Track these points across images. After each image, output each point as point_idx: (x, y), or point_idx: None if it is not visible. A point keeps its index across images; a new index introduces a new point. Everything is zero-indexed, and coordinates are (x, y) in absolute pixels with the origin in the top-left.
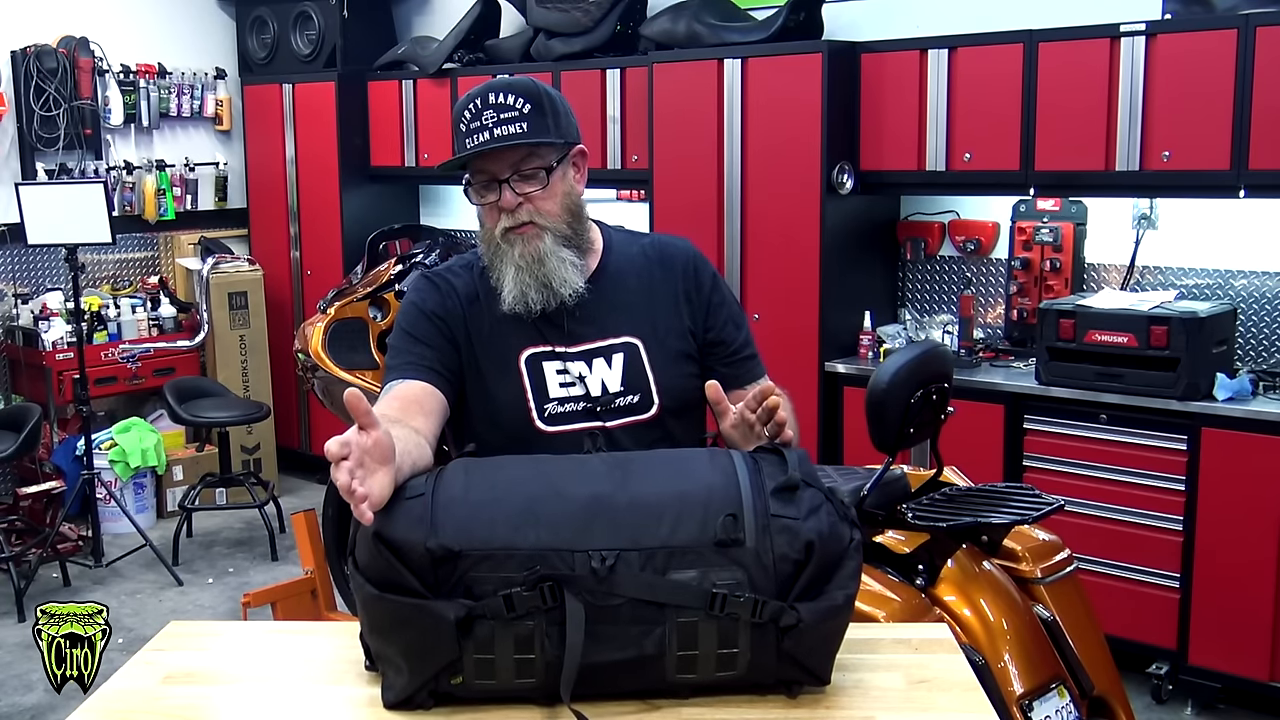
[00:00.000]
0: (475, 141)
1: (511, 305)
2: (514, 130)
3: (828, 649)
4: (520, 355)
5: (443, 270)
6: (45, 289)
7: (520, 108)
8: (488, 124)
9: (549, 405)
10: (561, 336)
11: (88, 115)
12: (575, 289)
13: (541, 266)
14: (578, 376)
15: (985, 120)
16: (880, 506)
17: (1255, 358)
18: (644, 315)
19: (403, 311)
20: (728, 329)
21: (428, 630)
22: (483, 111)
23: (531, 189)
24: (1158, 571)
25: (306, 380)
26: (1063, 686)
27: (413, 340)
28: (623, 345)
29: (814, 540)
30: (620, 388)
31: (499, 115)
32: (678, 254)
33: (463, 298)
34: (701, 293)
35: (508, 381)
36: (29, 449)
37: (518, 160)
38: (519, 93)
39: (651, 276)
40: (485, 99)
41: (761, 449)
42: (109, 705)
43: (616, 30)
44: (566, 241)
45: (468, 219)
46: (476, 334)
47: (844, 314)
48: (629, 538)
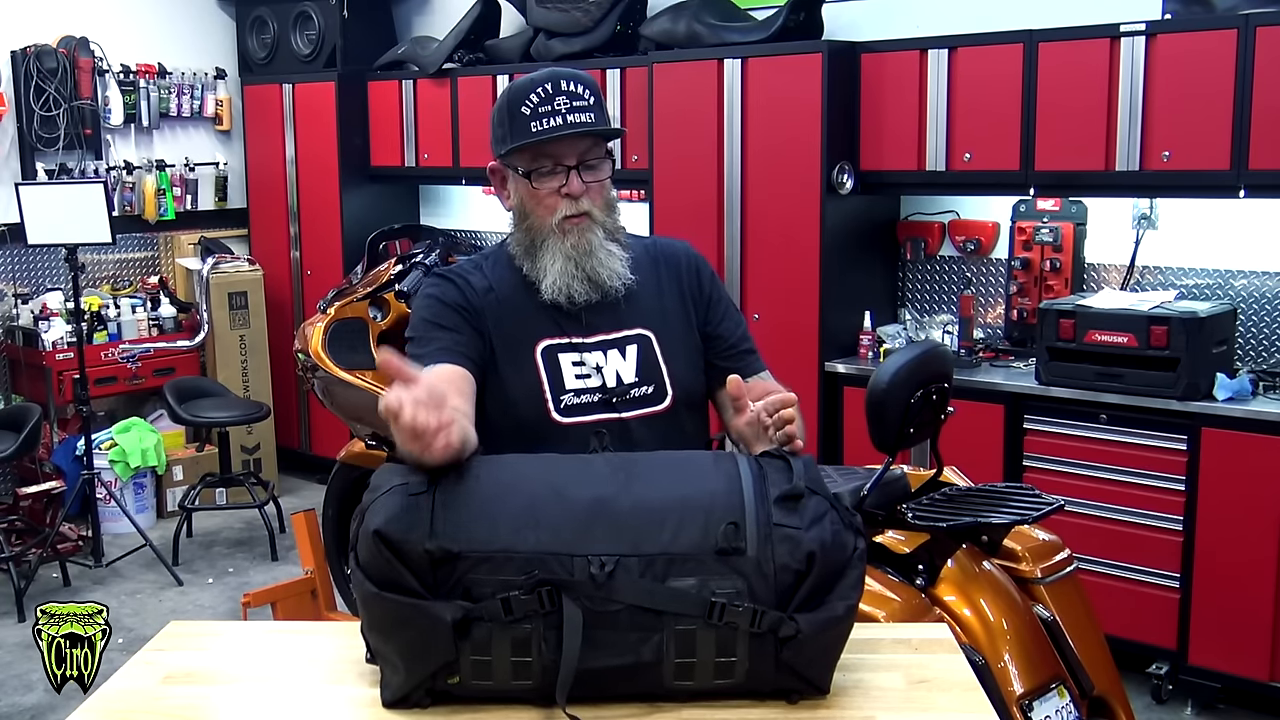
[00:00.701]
0: (545, 125)
1: (553, 296)
2: (586, 119)
3: (827, 659)
4: (537, 347)
5: (453, 269)
6: (45, 289)
7: (588, 98)
8: (560, 109)
9: (565, 396)
10: (579, 328)
11: (88, 115)
12: (624, 279)
13: (590, 259)
14: (594, 367)
15: (985, 120)
16: (880, 506)
17: (1255, 358)
18: (654, 308)
19: (421, 305)
20: (726, 323)
21: (425, 630)
22: (554, 97)
23: (596, 178)
24: (1158, 571)
25: (306, 380)
26: (1063, 686)
27: (438, 328)
28: (636, 337)
29: (815, 550)
30: (635, 378)
31: (571, 102)
32: (679, 253)
33: (478, 291)
34: (702, 290)
35: (524, 372)
36: (29, 449)
37: (585, 149)
38: (584, 83)
39: (657, 273)
40: (556, 84)
41: (768, 453)
42: (109, 705)
43: (616, 30)
44: (611, 234)
45: (468, 219)
46: (494, 326)
47: (844, 314)
48: (630, 543)
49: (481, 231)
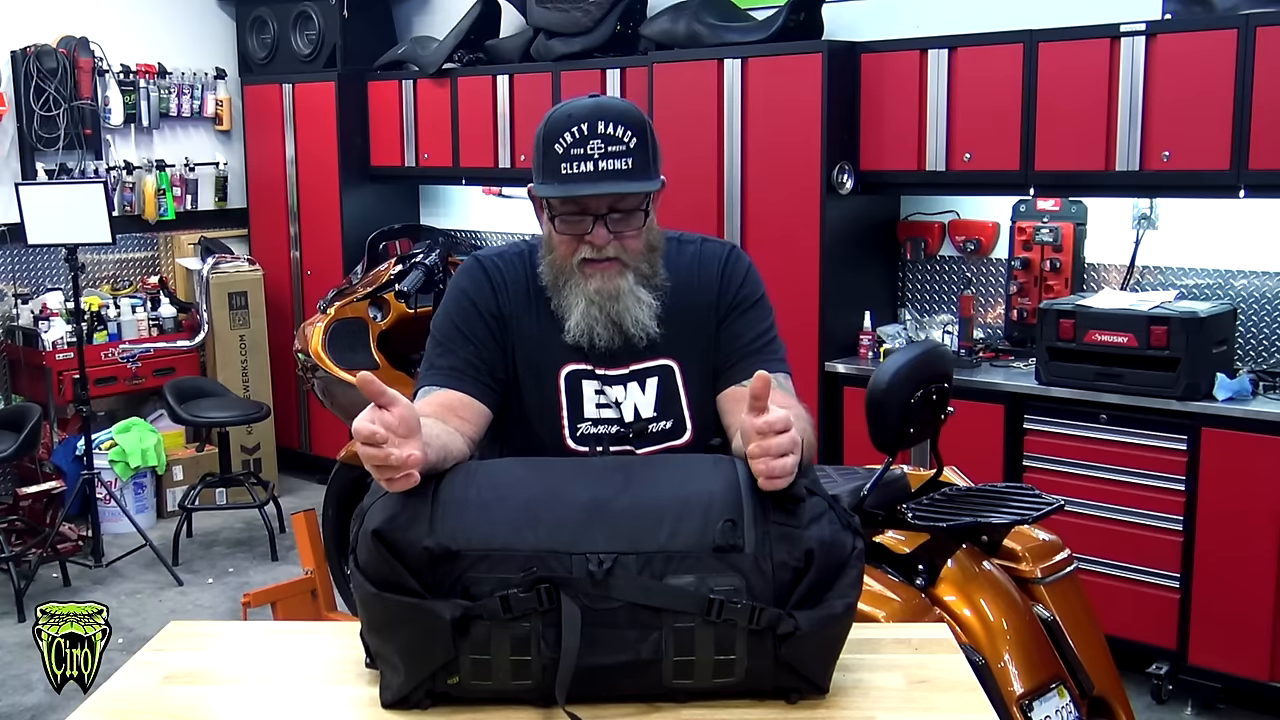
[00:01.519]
0: (575, 169)
1: (576, 338)
2: (620, 166)
3: (826, 657)
4: (560, 371)
5: (495, 257)
6: (45, 289)
7: (628, 141)
8: (593, 154)
9: (583, 425)
10: (603, 359)
11: (88, 115)
12: (646, 332)
13: (616, 304)
14: (614, 401)
15: (985, 120)
16: (880, 506)
17: (1255, 358)
18: (682, 336)
19: (451, 298)
20: (739, 324)
21: (424, 629)
22: (589, 140)
23: (626, 230)
24: (1158, 571)
25: (306, 380)
26: (1063, 686)
27: (460, 337)
28: (658, 369)
29: (814, 548)
30: (653, 413)
31: (606, 147)
32: (714, 261)
33: (514, 292)
34: (726, 297)
35: (544, 395)
36: (29, 449)
37: (616, 197)
38: (626, 123)
39: (691, 292)
40: (593, 125)
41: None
42: (109, 705)
43: (616, 30)
44: (645, 280)
45: (467, 219)
46: (522, 336)
47: (844, 314)
48: (627, 541)
49: (481, 231)
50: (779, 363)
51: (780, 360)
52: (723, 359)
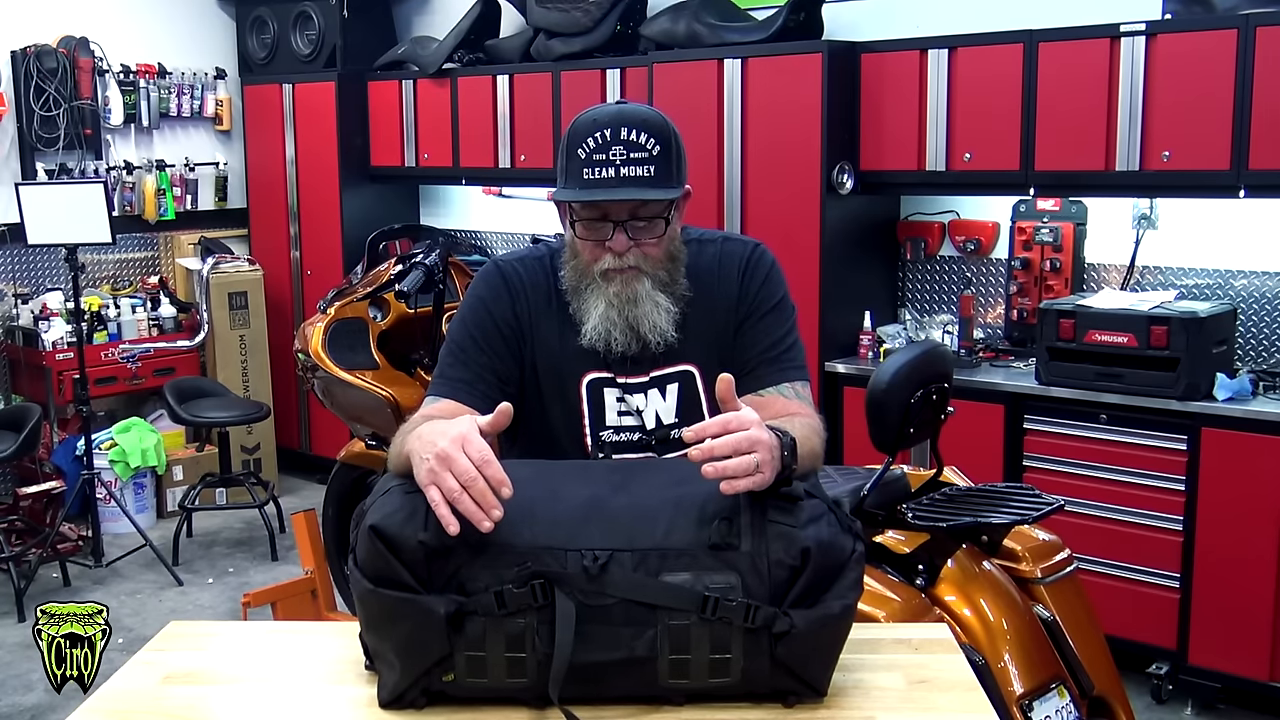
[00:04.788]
0: (598, 175)
1: (592, 342)
2: (642, 174)
3: (824, 659)
4: (582, 379)
5: (515, 262)
6: (45, 289)
7: (650, 148)
8: (615, 160)
9: (604, 433)
10: (624, 367)
11: (88, 115)
12: (664, 337)
13: (634, 308)
14: (635, 409)
15: (985, 120)
16: (880, 506)
17: (1255, 358)
18: (703, 341)
19: (468, 305)
20: (754, 332)
21: (419, 625)
22: (611, 146)
23: (646, 238)
24: (1158, 571)
25: (306, 380)
26: (1063, 686)
27: (474, 348)
28: (679, 375)
29: (811, 547)
30: (675, 420)
31: (628, 154)
32: (735, 261)
33: (534, 299)
34: (745, 300)
35: (566, 404)
36: (29, 449)
37: (638, 204)
38: (650, 131)
39: (712, 294)
40: (616, 132)
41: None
42: (109, 705)
43: (616, 30)
44: (664, 286)
45: (468, 219)
46: (543, 344)
47: (844, 314)
48: (623, 538)
49: (481, 232)
50: (795, 370)
51: (797, 367)
52: (740, 365)
